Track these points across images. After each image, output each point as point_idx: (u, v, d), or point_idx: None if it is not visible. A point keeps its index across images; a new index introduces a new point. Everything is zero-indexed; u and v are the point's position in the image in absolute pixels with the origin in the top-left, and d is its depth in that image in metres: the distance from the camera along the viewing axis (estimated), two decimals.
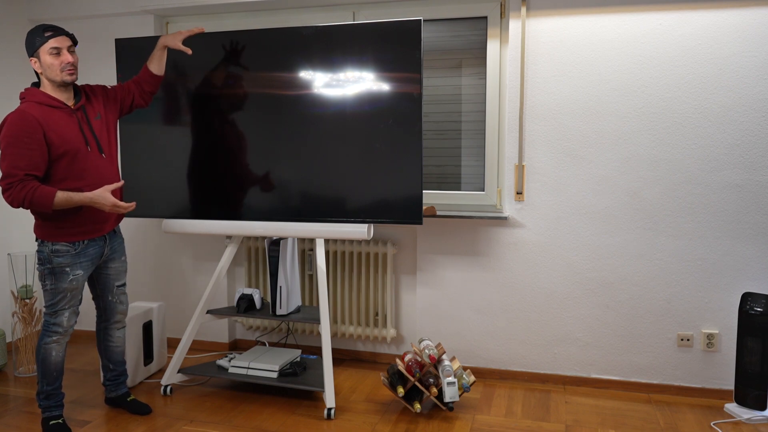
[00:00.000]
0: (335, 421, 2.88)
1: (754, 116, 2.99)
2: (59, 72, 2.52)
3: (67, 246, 2.61)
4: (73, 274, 2.63)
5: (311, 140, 3.06)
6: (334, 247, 3.62)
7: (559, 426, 2.83)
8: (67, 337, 2.72)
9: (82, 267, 2.66)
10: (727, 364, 3.12)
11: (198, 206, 3.23)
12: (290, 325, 3.78)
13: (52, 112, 2.53)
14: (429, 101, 3.52)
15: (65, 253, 2.61)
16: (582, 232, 3.24)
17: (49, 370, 2.69)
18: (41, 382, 2.71)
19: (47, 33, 2.51)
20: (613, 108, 3.15)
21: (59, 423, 2.72)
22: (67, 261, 2.62)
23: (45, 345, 2.68)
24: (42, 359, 2.68)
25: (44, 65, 2.52)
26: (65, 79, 2.53)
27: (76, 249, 2.63)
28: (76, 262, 2.64)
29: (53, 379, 2.71)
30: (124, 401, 2.98)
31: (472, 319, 3.44)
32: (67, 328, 2.69)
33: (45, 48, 2.51)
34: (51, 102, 2.54)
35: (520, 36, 3.23)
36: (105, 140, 2.71)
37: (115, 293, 2.89)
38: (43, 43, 2.51)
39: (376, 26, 2.94)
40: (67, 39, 2.56)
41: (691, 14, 3.03)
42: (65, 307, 2.66)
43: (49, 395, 2.73)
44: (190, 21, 3.84)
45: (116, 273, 2.86)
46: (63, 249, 2.61)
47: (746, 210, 3.04)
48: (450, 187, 3.53)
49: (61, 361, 2.72)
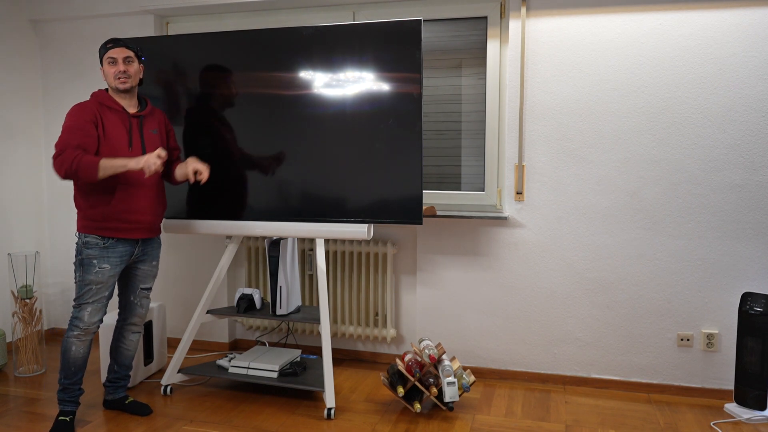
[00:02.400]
0: (335, 421, 2.89)
1: (754, 116, 2.99)
2: (113, 80, 2.73)
3: (97, 239, 2.72)
4: (100, 266, 2.72)
5: (311, 140, 3.06)
6: (334, 247, 3.62)
7: (559, 426, 2.83)
8: (90, 335, 2.76)
9: (110, 262, 2.73)
10: (727, 364, 3.12)
11: (198, 206, 3.24)
12: (290, 325, 3.79)
13: (109, 112, 2.74)
14: (429, 101, 3.52)
15: (94, 246, 2.72)
16: (582, 232, 3.24)
17: (67, 363, 2.76)
18: (60, 373, 2.78)
19: (108, 44, 2.74)
20: (613, 108, 3.16)
21: (66, 421, 2.75)
22: (95, 253, 2.71)
23: (67, 338, 2.75)
24: (63, 351, 2.76)
25: (104, 73, 2.76)
26: (118, 86, 2.73)
27: (105, 243, 2.73)
28: (104, 256, 2.72)
29: (71, 374, 2.77)
30: (122, 404, 2.99)
31: (472, 319, 3.44)
32: (88, 325, 2.74)
33: (105, 58, 2.74)
34: (109, 104, 2.75)
35: (520, 36, 3.23)
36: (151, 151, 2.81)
37: (138, 295, 2.95)
38: (104, 54, 2.74)
39: (376, 26, 2.94)
40: (126, 50, 2.75)
41: (691, 14, 3.03)
42: (88, 301, 2.72)
43: (66, 389, 2.77)
44: (190, 21, 3.84)
45: (144, 275, 2.93)
46: (92, 241, 2.72)
47: (746, 210, 3.04)
48: (450, 187, 3.53)
49: (81, 357, 2.77)
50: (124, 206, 2.73)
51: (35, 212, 4.07)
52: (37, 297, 3.61)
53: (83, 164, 2.57)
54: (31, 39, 4.02)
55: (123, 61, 2.73)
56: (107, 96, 2.76)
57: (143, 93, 3.27)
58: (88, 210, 2.72)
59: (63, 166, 2.57)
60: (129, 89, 2.76)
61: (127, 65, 2.74)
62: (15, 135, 3.93)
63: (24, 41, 3.97)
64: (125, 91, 2.76)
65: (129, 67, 2.74)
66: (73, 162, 2.56)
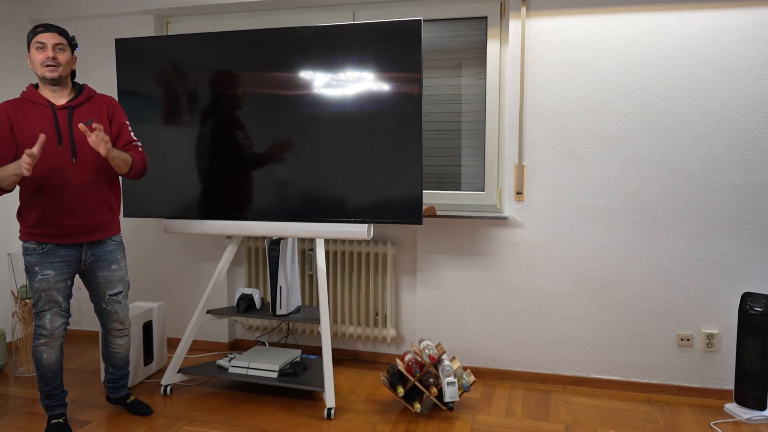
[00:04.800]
0: (335, 421, 2.89)
1: (754, 116, 2.99)
2: (40, 67, 2.51)
3: (34, 244, 2.58)
4: (42, 273, 2.57)
5: (311, 140, 3.06)
6: (334, 247, 3.62)
7: (559, 426, 2.83)
8: (56, 339, 2.65)
9: (53, 267, 2.58)
10: (727, 364, 3.12)
11: (198, 206, 3.23)
12: (290, 325, 3.79)
13: (32, 108, 2.53)
14: (429, 101, 3.52)
15: (32, 252, 2.58)
16: (582, 232, 3.24)
17: (43, 371, 2.68)
18: (39, 383, 2.72)
19: (39, 29, 2.51)
20: (613, 108, 3.16)
21: (60, 422, 2.72)
22: (35, 260, 2.58)
23: (35, 348, 2.66)
24: (35, 361, 2.68)
25: (30, 60, 2.54)
26: (45, 74, 2.51)
27: (43, 249, 2.57)
28: (45, 262, 2.57)
29: (49, 380, 2.70)
30: (124, 403, 2.97)
31: (472, 319, 3.44)
32: (51, 331, 2.62)
33: (33, 42, 2.52)
34: (33, 98, 2.54)
35: (520, 36, 3.23)
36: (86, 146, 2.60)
37: (108, 302, 2.79)
38: (32, 38, 2.52)
39: (376, 26, 2.94)
40: (57, 36, 2.52)
41: (691, 14, 3.03)
42: (44, 309, 2.61)
43: (48, 395, 2.73)
44: (190, 21, 3.84)
45: (106, 282, 2.75)
46: (31, 247, 2.58)
47: (746, 210, 3.04)
48: (450, 187, 3.53)
49: (54, 363, 2.68)
50: (53, 210, 2.54)
51: None
52: None
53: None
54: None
55: (53, 47, 2.49)
56: (32, 91, 2.55)
57: (143, 92, 3.27)
58: (25, 215, 2.57)
59: None
60: (57, 79, 2.52)
61: (57, 52, 2.51)
62: None
63: (24, 41, 3.97)
64: (54, 82, 2.53)
65: (60, 55, 2.51)
66: None
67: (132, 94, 3.29)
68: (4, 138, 2.49)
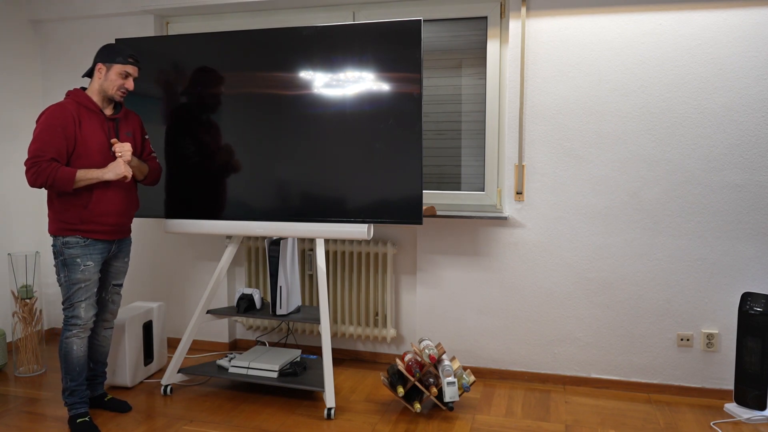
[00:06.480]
0: (335, 421, 2.89)
1: (754, 116, 2.99)
2: (115, 90, 2.76)
3: (77, 238, 2.73)
4: (84, 264, 2.73)
5: (311, 140, 3.06)
6: (334, 247, 3.62)
7: (559, 426, 2.83)
8: (87, 331, 2.78)
9: (92, 259, 2.75)
10: (727, 364, 3.12)
11: (198, 206, 3.24)
12: (290, 325, 3.79)
13: (86, 113, 2.72)
14: (429, 101, 3.52)
15: (75, 245, 2.72)
16: (582, 232, 3.24)
17: (72, 365, 2.76)
18: (65, 379, 2.78)
19: (130, 59, 2.77)
20: (613, 108, 3.16)
21: (86, 421, 2.75)
22: (77, 252, 2.72)
23: (66, 339, 2.75)
24: (64, 354, 2.75)
25: (108, 78, 2.75)
26: (114, 97, 2.77)
27: (85, 242, 2.74)
28: (87, 254, 2.73)
29: (77, 375, 2.77)
30: (101, 401, 3.00)
31: (472, 319, 3.44)
32: (86, 321, 2.75)
33: (120, 67, 2.74)
34: (89, 105, 2.73)
35: (520, 36, 3.23)
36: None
37: (110, 291, 2.95)
38: (122, 64, 2.75)
39: (376, 26, 2.94)
40: (138, 71, 2.83)
41: (691, 14, 3.03)
42: (81, 299, 2.74)
43: (74, 392, 2.78)
44: (190, 21, 3.84)
45: (116, 272, 2.94)
46: (72, 241, 2.72)
47: (746, 210, 3.04)
48: (450, 187, 3.53)
49: (83, 356, 2.78)
50: (100, 210, 2.74)
51: (35, 212, 4.07)
52: (37, 297, 3.61)
53: (59, 178, 2.60)
54: (31, 39, 4.02)
55: (132, 79, 2.80)
56: (85, 96, 2.75)
57: (143, 92, 3.27)
58: (64, 213, 2.72)
59: (38, 179, 2.60)
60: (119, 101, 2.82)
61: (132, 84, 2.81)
62: (15, 135, 3.93)
63: (24, 41, 3.97)
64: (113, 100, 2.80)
65: (132, 86, 2.81)
66: (48, 176, 2.59)
67: (132, 94, 3.29)
68: (70, 137, 2.66)
